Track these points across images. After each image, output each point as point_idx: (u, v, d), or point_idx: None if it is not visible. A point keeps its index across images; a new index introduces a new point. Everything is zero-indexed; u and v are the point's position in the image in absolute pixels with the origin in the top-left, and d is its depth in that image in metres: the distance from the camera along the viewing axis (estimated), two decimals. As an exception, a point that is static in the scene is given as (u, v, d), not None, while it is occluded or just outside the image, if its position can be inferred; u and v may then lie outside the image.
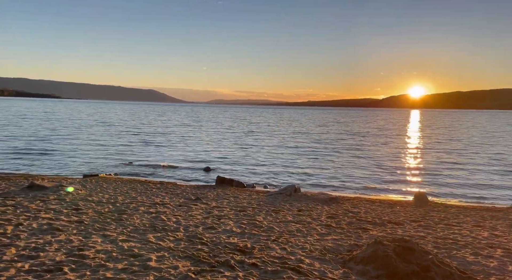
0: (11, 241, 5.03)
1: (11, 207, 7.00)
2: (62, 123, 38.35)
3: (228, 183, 12.26)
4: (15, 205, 7.23)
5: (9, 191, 8.77)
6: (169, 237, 5.69)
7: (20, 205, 7.20)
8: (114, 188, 10.20)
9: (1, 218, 6.19)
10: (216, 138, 28.84)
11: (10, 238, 5.14)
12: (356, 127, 47.94)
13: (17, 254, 4.55)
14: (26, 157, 16.59)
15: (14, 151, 18.24)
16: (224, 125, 47.23)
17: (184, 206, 8.22)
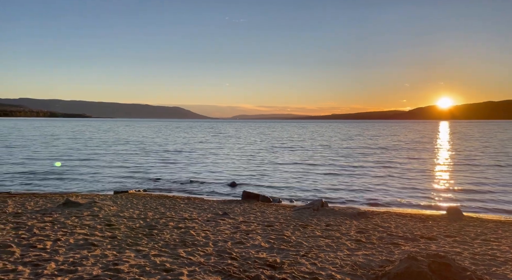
0: (51, 256, 5.25)
1: (49, 223, 7.32)
2: (91, 142, 39.77)
3: (254, 197, 12.29)
4: (52, 221, 7.55)
5: (47, 208, 9.17)
6: (199, 252, 5.76)
7: (57, 221, 7.51)
8: (144, 204, 10.45)
9: (41, 233, 6.49)
10: (240, 154, 29.04)
11: (49, 253, 5.37)
12: (383, 141, 47.00)
13: (57, 269, 4.74)
14: (59, 175, 17.27)
15: (46, 169, 19.05)
16: (248, 140, 47.51)
17: (212, 221, 8.31)
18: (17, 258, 5.11)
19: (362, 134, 66.01)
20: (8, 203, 9.88)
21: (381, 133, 71.28)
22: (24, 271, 4.60)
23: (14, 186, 14.47)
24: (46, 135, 50.72)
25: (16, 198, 10.96)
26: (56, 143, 37.90)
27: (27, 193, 12.65)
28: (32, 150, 29.42)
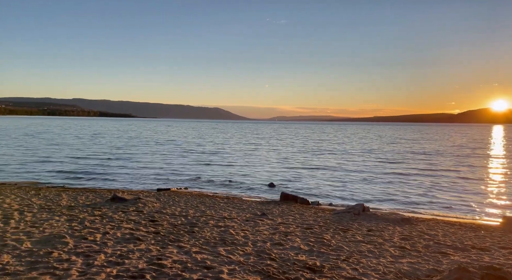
0: (100, 248, 5.55)
1: (99, 217, 7.74)
2: (135, 141, 41.54)
3: (293, 199, 12.21)
4: (101, 215, 7.98)
5: (96, 202, 9.71)
6: (239, 251, 5.82)
7: (106, 215, 7.93)
8: (185, 202, 10.74)
9: (91, 226, 6.88)
10: (278, 155, 29.00)
11: (99, 245, 5.68)
12: (430, 145, 44.82)
13: (106, 260, 5.00)
14: (105, 171, 18.21)
15: (94, 166, 20.16)
16: (286, 142, 47.34)
17: (251, 221, 8.36)
18: (71, 248, 5.45)
19: (407, 137, 63.36)
20: (62, 196, 10.58)
21: (428, 137, 68.03)
22: (77, 261, 4.90)
23: (67, 180, 15.47)
24: (94, 134, 53.75)
25: (69, 192, 11.71)
26: (103, 141, 40.01)
27: (79, 188, 13.47)
28: (81, 147, 31.27)
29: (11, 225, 6.64)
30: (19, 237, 5.90)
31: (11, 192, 11.10)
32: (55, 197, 10.41)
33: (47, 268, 4.56)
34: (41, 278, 4.24)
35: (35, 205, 8.86)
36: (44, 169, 18.47)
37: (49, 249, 5.32)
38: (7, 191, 11.19)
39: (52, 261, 4.83)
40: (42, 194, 10.83)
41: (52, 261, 4.84)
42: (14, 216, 7.40)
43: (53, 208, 8.50)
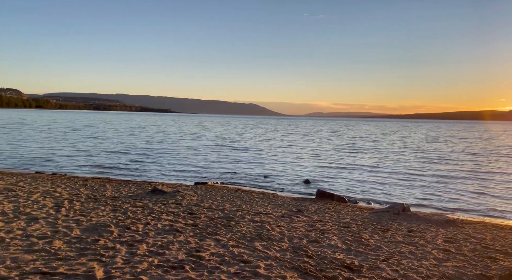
0: (142, 238, 5.78)
1: (140, 208, 8.07)
2: (174, 136, 42.71)
3: (329, 196, 12.05)
4: (143, 206, 8.31)
5: (138, 194, 10.12)
6: (275, 247, 5.83)
7: (147, 207, 8.24)
8: (222, 196, 10.92)
9: (133, 217, 7.18)
10: (314, 152, 28.67)
11: (141, 235, 5.92)
12: (477, 144, 42.37)
13: (148, 250, 5.20)
14: (144, 165, 18.89)
15: (135, 159, 20.97)
16: (322, 138, 46.67)
17: (287, 217, 8.35)
18: (115, 237, 5.72)
19: (451, 136, 60.24)
20: (107, 187, 11.13)
21: (475, 135, 64.29)
22: (121, 250, 5.14)
23: (112, 170, 16.24)
24: (134, 128, 55.93)
25: (113, 183, 12.29)
26: (142, 135, 41.52)
27: (122, 180, 14.10)
28: (121, 141, 32.66)
29: (62, 213, 7.08)
30: (69, 224, 6.28)
31: (61, 181, 11.84)
32: (100, 187, 10.97)
33: (94, 255, 4.83)
34: (89, 264, 4.49)
35: (83, 194, 9.39)
36: (88, 161, 19.49)
37: (96, 237, 5.62)
38: (58, 181, 11.95)
39: (99, 248, 5.10)
40: (89, 185, 11.45)
41: (99, 248, 5.12)
42: (65, 205, 7.88)
43: (99, 198, 8.96)
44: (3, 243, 5.06)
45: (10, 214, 6.76)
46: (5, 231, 5.62)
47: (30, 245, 5.07)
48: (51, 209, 7.41)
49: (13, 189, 9.49)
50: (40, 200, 8.22)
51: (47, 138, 31.91)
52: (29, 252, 4.80)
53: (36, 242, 5.20)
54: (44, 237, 5.45)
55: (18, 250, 4.85)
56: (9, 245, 5.00)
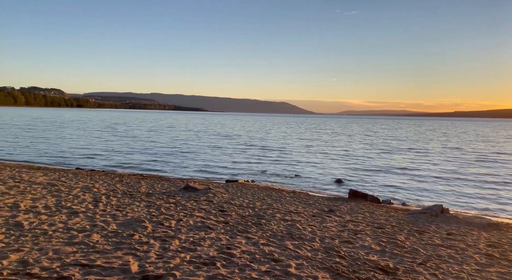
0: (175, 234, 5.90)
1: (173, 204, 8.25)
2: (204, 134, 43.37)
3: (362, 196, 11.75)
4: (175, 203, 8.49)
5: (171, 190, 10.36)
6: (306, 246, 5.76)
7: (179, 203, 8.41)
8: (252, 194, 10.94)
9: (167, 213, 7.35)
10: (347, 151, 28.10)
11: (174, 231, 6.04)
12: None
13: (180, 246, 5.30)
14: (176, 162, 19.30)
15: (166, 156, 21.48)
16: (355, 137, 45.68)
17: (318, 216, 8.22)
18: (149, 232, 5.88)
19: (494, 135, 57.00)
20: (141, 183, 11.48)
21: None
22: (155, 245, 5.27)
23: (146, 167, 16.74)
24: (166, 126, 57.35)
25: (147, 180, 12.66)
26: (174, 133, 42.49)
27: (155, 176, 14.50)
28: (154, 139, 33.57)
29: (99, 208, 7.38)
30: (106, 219, 6.53)
31: (99, 177, 12.35)
32: (135, 184, 11.33)
33: (129, 249, 4.98)
34: (125, 258, 4.63)
35: (119, 190, 9.74)
36: (123, 158, 20.20)
37: (131, 232, 5.80)
38: (96, 177, 12.47)
39: (134, 243, 5.25)
40: (125, 181, 11.86)
41: (134, 243, 5.27)
42: (102, 200, 8.21)
43: (134, 194, 9.26)
44: (46, 235, 5.34)
45: (53, 207, 7.13)
46: (48, 224, 5.93)
47: (70, 237, 5.32)
48: (90, 203, 7.74)
49: (55, 184, 10.01)
50: (80, 195, 8.61)
51: (86, 137, 33.43)
52: (69, 244, 5.03)
53: (76, 235, 5.44)
54: (83, 230, 5.70)
55: (60, 242, 5.09)
56: (51, 237, 5.26)
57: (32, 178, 10.94)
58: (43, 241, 5.07)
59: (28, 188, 9.12)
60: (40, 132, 36.28)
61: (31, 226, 5.75)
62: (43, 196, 8.17)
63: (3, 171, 12.35)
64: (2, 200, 7.45)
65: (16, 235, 5.29)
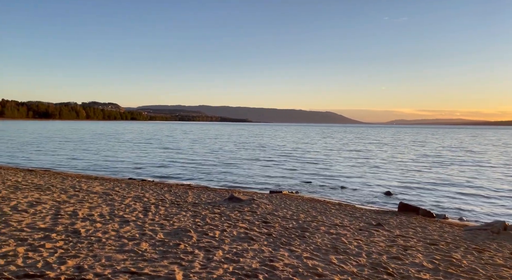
0: (219, 244, 5.99)
1: (218, 215, 8.39)
2: (248, 145, 43.78)
3: (413, 210, 11.14)
4: (220, 213, 8.63)
5: (216, 201, 10.56)
6: (351, 261, 5.56)
7: (224, 214, 8.54)
8: (296, 205, 10.82)
9: (211, 223, 7.49)
10: (396, 162, 26.91)
11: (218, 242, 6.14)
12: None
13: (223, 257, 5.37)
14: (221, 172, 19.63)
15: (211, 167, 21.94)
16: (405, 148, 43.63)
17: (365, 230, 7.92)
18: (194, 242, 6.03)
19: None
20: (188, 193, 11.84)
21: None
22: (199, 255, 5.38)
23: (193, 177, 17.26)
24: (212, 137, 58.76)
25: (194, 190, 13.03)
26: (218, 145, 43.39)
27: (202, 186, 14.88)
28: (200, 150, 34.50)
29: (149, 217, 7.71)
30: (154, 228, 6.81)
31: (149, 187, 12.93)
32: (183, 194, 11.70)
33: (175, 258, 5.14)
34: (171, 267, 4.78)
35: (167, 200, 10.12)
36: (174, 168, 20.98)
37: (177, 241, 5.99)
38: (146, 187, 13.07)
39: (180, 252, 5.41)
40: (173, 191, 12.31)
41: (180, 252, 5.43)
42: (151, 209, 8.58)
43: (181, 204, 9.56)
44: (100, 243, 5.67)
45: (107, 216, 7.58)
46: (102, 232, 6.31)
47: (121, 245, 5.60)
48: (140, 212, 8.12)
49: (110, 193, 10.65)
50: (131, 204, 9.06)
51: (139, 148, 35.25)
52: (120, 252, 5.30)
53: (127, 243, 5.72)
54: (133, 239, 5.98)
55: (112, 249, 5.39)
56: (104, 245, 5.58)
57: (89, 187, 11.74)
58: (97, 248, 5.39)
59: (86, 196, 9.79)
60: (99, 144, 38.90)
61: (87, 233, 6.15)
62: (98, 205, 8.72)
63: (65, 180, 13.39)
64: (63, 208, 8.06)
65: (74, 241, 5.68)
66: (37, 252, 5.11)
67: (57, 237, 5.84)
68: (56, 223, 6.72)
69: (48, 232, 6.14)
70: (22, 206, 8.05)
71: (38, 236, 5.88)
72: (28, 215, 7.23)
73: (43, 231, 6.18)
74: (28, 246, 5.35)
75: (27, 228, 6.32)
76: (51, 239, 5.75)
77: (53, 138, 46.57)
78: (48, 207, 8.14)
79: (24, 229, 6.24)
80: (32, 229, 6.25)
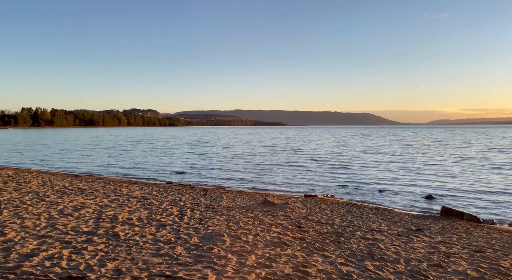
0: (252, 249, 6.00)
1: (251, 219, 8.42)
2: (281, 148, 43.57)
3: (457, 215, 10.56)
4: (253, 217, 8.65)
5: (250, 205, 10.61)
6: (389, 268, 5.36)
7: (258, 218, 8.56)
8: (331, 210, 10.62)
9: (245, 227, 7.53)
10: (437, 165, 25.67)
11: (251, 246, 6.15)
12: None
13: (256, 261, 5.37)
14: (254, 176, 19.67)
15: (244, 171, 22.03)
16: (447, 150, 41.54)
17: (404, 236, 7.61)
18: (228, 246, 6.08)
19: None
20: (223, 197, 11.99)
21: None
22: (232, 259, 5.42)
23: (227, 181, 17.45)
24: (244, 142, 59.11)
25: (229, 194, 13.18)
26: (251, 150, 43.55)
27: (236, 190, 15.01)
28: (234, 155, 34.80)
29: (184, 221, 7.89)
30: (189, 231, 6.95)
31: (186, 191, 13.24)
32: (217, 197, 11.87)
33: (208, 263, 5.21)
34: (204, 271, 4.86)
35: (202, 204, 10.31)
36: (208, 172, 21.34)
37: (211, 245, 6.07)
38: (183, 191, 13.40)
39: (213, 257, 5.48)
40: (208, 195, 12.51)
41: (213, 256, 5.50)
42: (187, 213, 8.77)
43: (216, 208, 9.70)
44: (138, 246, 5.88)
45: (145, 220, 7.85)
46: (140, 235, 6.54)
47: (157, 249, 5.77)
48: (176, 216, 8.33)
49: (148, 197, 11.02)
50: (168, 208, 9.32)
51: (176, 153, 36.24)
52: (156, 255, 5.46)
53: (162, 247, 5.88)
54: (169, 243, 6.14)
55: (148, 253, 5.56)
56: (142, 248, 5.78)
57: (129, 191, 12.22)
58: (135, 252, 5.59)
59: (125, 201, 10.21)
60: (139, 150, 40.45)
61: (126, 237, 6.40)
62: (137, 209, 9.05)
63: (107, 185, 14.04)
64: (104, 212, 8.45)
65: (113, 245, 5.93)
66: (80, 254, 5.39)
67: (98, 240, 6.12)
68: (98, 227, 7.05)
69: (90, 235, 6.46)
70: (68, 210, 8.54)
71: (81, 239, 6.20)
72: (73, 219, 7.65)
73: (86, 234, 6.52)
74: (72, 248, 5.66)
75: (71, 231, 6.68)
76: (93, 242, 6.04)
77: (97, 145, 49.08)
78: (91, 211, 8.57)
79: (69, 232, 6.61)
80: (76, 232, 6.60)
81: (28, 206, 8.84)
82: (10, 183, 12.99)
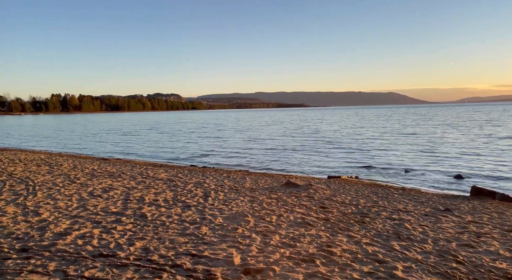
0: (276, 229, 6.03)
1: (275, 200, 8.45)
2: (302, 130, 43.18)
3: (488, 194, 10.19)
4: (277, 198, 8.67)
5: (273, 186, 10.64)
6: (416, 248, 5.26)
7: (281, 199, 8.57)
8: (356, 191, 10.49)
9: (268, 208, 7.57)
10: (466, 143, 24.76)
11: (274, 226, 6.18)
12: None
13: (280, 241, 5.40)
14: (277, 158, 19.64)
15: (266, 153, 22.02)
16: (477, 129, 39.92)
17: (431, 216, 7.43)
18: (251, 227, 6.14)
19: None
20: (246, 179, 12.07)
21: None
22: (256, 239, 5.47)
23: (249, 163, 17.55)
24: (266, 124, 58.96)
25: (252, 176, 13.25)
26: (271, 131, 43.40)
27: (259, 172, 15.08)
28: (255, 137, 34.81)
29: (208, 202, 8.01)
30: (214, 212, 7.06)
31: (210, 174, 13.41)
32: (241, 179, 11.96)
33: (233, 242, 5.28)
34: (229, 250, 4.93)
35: (226, 186, 10.42)
36: (229, 155, 21.50)
37: (235, 225, 6.14)
38: (207, 173, 13.59)
39: (237, 236, 5.55)
40: (232, 177, 12.63)
41: (237, 236, 5.57)
42: (211, 194, 8.90)
43: (239, 189, 9.78)
44: (164, 226, 6.03)
45: (170, 201, 8.02)
46: (166, 216, 6.70)
47: (183, 229, 5.90)
48: (201, 198, 8.47)
49: (173, 179, 11.25)
50: (193, 190, 9.49)
51: (199, 137, 36.68)
52: (182, 235, 5.59)
53: (188, 227, 6.01)
54: (194, 223, 6.26)
55: (175, 233, 5.70)
56: (168, 228, 5.92)
57: (155, 174, 12.51)
58: (162, 231, 5.74)
59: (152, 183, 10.46)
60: (166, 134, 41.22)
61: (152, 217, 6.57)
62: (163, 191, 9.26)
63: (134, 168, 14.42)
64: (132, 194, 8.70)
65: (141, 225, 6.11)
66: (110, 233, 5.59)
67: (126, 221, 6.32)
68: (126, 208, 7.27)
69: (119, 215, 6.67)
70: (97, 192, 8.85)
71: (111, 219, 6.42)
72: (102, 200, 7.93)
73: (114, 214, 6.74)
74: (102, 228, 5.87)
75: (101, 211, 6.93)
76: (121, 222, 6.25)
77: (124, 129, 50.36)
78: (119, 192, 8.85)
79: (99, 212, 6.86)
80: (106, 213, 6.84)
81: (60, 188, 9.22)
82: (43, 166, 13.57)
